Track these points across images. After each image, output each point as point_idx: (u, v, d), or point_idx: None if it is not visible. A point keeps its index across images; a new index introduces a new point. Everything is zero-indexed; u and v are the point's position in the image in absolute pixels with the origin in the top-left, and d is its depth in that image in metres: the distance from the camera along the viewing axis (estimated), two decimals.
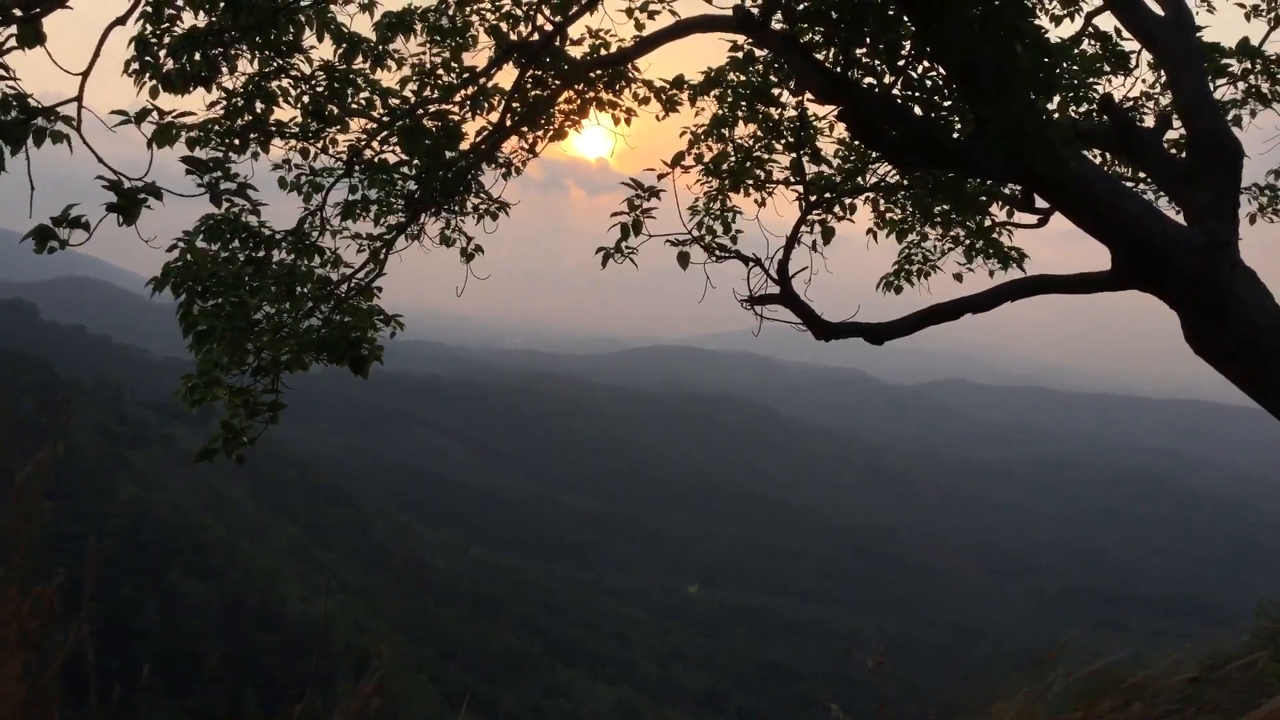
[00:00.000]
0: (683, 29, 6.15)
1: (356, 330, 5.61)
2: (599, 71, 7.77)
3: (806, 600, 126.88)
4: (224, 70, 6.21)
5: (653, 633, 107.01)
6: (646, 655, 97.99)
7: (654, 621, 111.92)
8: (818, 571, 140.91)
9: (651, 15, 7.49)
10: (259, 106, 6.67)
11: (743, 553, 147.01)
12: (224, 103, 6.51)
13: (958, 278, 8.65)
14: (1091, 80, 7.71)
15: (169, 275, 5.44)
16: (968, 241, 8.60)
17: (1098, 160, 8.42)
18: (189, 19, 5.71)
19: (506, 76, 7.39)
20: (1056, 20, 8.41)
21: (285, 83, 6.77)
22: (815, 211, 7.33)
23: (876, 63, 5.70)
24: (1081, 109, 7.04)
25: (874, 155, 7.40)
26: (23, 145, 4.34)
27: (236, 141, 6.53)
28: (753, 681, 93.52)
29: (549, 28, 7.14)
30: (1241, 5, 8.91)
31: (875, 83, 5.77)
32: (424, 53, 7.63)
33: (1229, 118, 8.39)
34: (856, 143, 7.38)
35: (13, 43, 4.29)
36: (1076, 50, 8.14)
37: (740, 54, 7.07)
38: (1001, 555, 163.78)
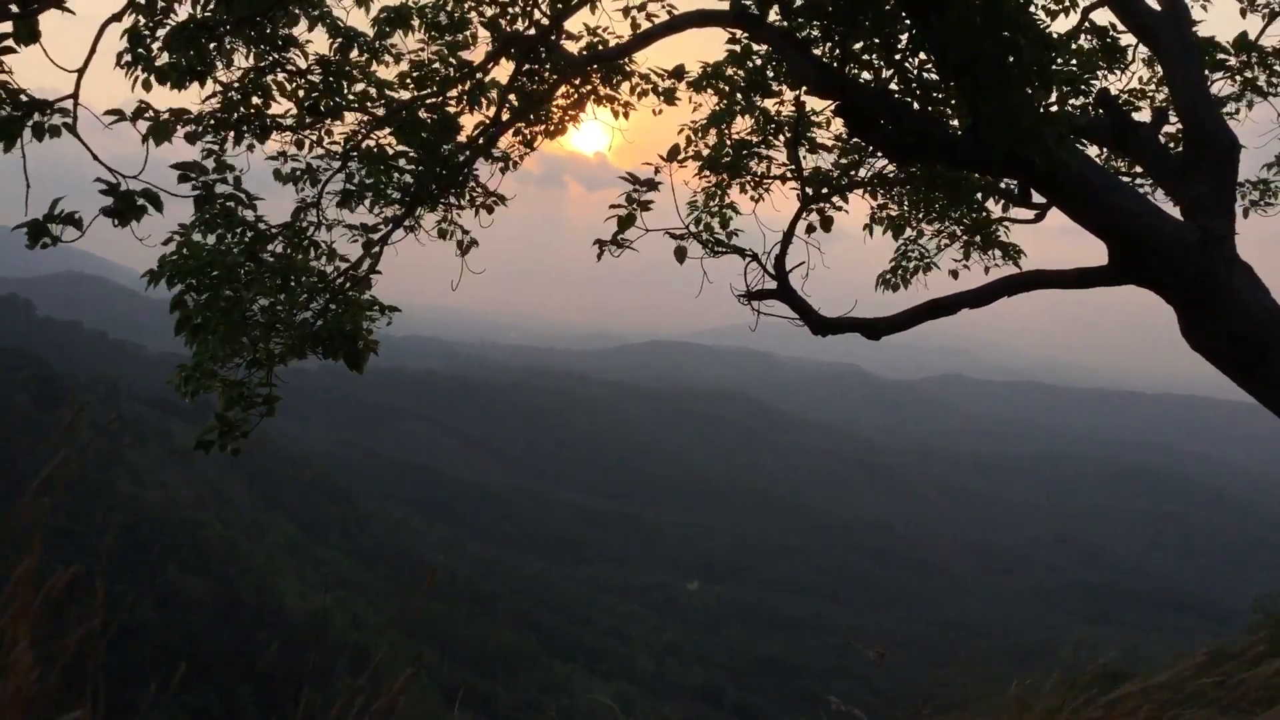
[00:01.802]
0: (680, 23, 6.12)
1: (351, 322, 5.58)
2: (595, 66, 7.75)
3: (803, 596, 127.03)
4: (219, 65, 6.19)
5: (650, 628, 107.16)
6: (644, 651, 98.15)
7: (651, 617, 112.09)
8: (815, 567, 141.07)
9: (650, 17, 7.47)
10: (255, 101, 6.65)
11: (740, 548, 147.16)
12: (219, 97, 6.48)
13: (954, 274, 8.65)
14: (1088, 75, 7.71)
15: (165, 268, 5.42)
16: (964, 237, 8.60)
17: (1094, 155, 8.42)
18: (183, 12, 5.69)
19: (504, 71, 7.38)
20: (1052, 15, 8.41)
21: (281, 77, 6.75)
22: (813, 204, 7.33)
23: (873, 58, 5.69)
24: (1078, 103, 7.03)
25: (871, 149, 7.39)
26: (16, 141, 4.33)
27: (231, 135, 6.51)
28: (749, 677, 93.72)
29: (545, 22, 7.12)
30: None
31: (872, 78, 5.76)
32: (421, 48, 7.61)
33: (1225, 111, 8.40)
34: (853, 137, 7.37)
35: (9, 40, 4.27)
36: (1074, 45, 8.14)
37: (738, 48, 7.05)
38: (998, 550, 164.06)
